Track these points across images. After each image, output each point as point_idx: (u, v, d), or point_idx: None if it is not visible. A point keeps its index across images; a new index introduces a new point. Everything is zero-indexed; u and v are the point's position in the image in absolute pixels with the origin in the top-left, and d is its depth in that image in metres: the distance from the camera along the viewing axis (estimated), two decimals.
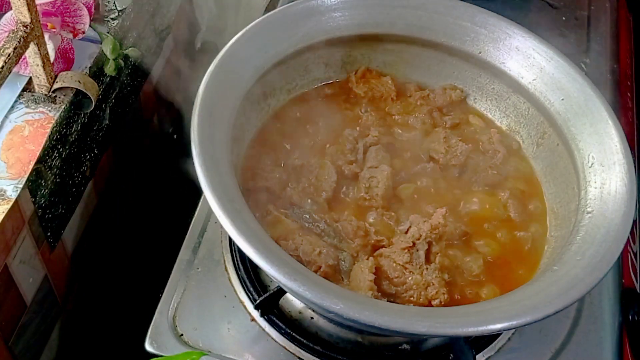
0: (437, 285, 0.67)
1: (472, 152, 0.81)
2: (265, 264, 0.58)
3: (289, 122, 0.82)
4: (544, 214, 0.77)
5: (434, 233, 0.69)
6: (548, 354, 0.77)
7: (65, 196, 0.85)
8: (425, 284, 0.68)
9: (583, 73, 0.77)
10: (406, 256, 0.69)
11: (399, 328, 0.58)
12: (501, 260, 0.73)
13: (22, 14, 0.73)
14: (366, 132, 0.81)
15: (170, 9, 1.10)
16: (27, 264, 0.79)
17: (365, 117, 0.83)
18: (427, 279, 0.68)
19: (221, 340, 0.76)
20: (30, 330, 0.84)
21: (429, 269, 0.68)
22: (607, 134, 0.73)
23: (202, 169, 0.62)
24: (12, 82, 0.80)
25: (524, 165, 0.82)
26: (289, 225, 0.71)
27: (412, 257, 0.69)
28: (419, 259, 0.69)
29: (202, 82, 0.69)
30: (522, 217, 0.77)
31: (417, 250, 0.69)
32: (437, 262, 0.69)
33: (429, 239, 0.69)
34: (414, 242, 0.69)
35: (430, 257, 0.70)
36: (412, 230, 0.70)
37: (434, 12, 0.82)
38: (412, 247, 0.69)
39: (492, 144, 0.82)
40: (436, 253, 0.70)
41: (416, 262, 0.69)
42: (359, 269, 0.68)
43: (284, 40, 0.78)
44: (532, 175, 0.81)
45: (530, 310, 0.59)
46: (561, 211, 0.75)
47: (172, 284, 0.79)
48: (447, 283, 0.69)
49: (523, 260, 0.74)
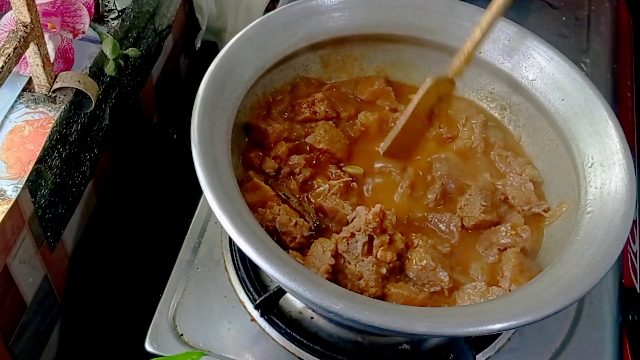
0: (366, 279, 0.67)
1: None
2: (265, 264, 0.58)
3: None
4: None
5: (369, 227, 0.69)
6: (548, 354, 0.77)
7: (65, 196, 0.85)
8: (358, 275, 0.68)
9: (583, 73, 0.77)
10: (345, 245, 0.69)
11: (398, 328, 0.58)
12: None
13: (22, 14, 0.73)
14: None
15: (170, 9, 1.10)
16: (27, 264, 0.79)
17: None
18: (360, 270, 0.68)
19: (221, 340, 0.76)
20: (30, 330, 0.84)
21: (365, 261, 0.68)
22: (607, 134, 0.73)
23: (202, 169, 0.62)
24: (12, 82, 0.80)
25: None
26: (268, 191, 0.72)
27: (349, 248, 0.69)
28: (356, 250, 0.69)
29: (202, 82, 0.69)
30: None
31: (355, 241, 0.69)
32: (377, 255, 0.68)
33: (368, 231, 0.69)
34: (354, 233, 0.69)
35: (372, 250, 0.69)
36: (355, 221, 0.70)
37: (434, 12, 0.83)
38: (352, 237, 0.69)
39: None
40: (377, 246, 0.69)
41: (353, 252, 0.69)
42: (320, 246, 0.69)
43: (284, 40, 0.78)
44: (531, 175, 0.81)
45: (530, 310, 0.59)
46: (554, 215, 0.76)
47: (172, 284, 0.79)
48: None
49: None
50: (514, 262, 0.70)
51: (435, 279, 0.69)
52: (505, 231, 0.73)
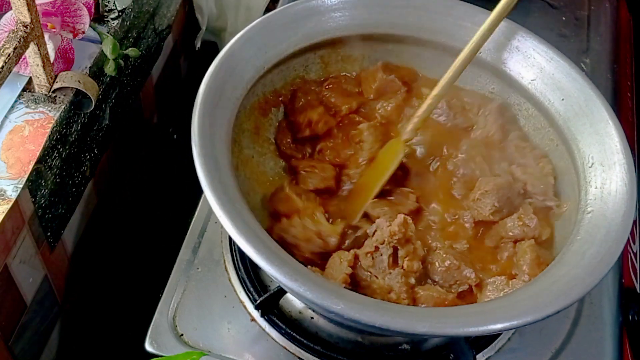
0: (397, 291, 0.66)
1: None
2: (266, 264, 0.58)
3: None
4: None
5: (394, 239, 0.68)
6: (548, 354, 0.77)
7: (65, 196, 0.85)
8: (388, 288, 0.67)
9: (583, 73, 0.77)
10: (370, 260, 0.68)
11: (399, 328, 0.58)
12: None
13: (22, 14, 0.73)
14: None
15: (170, 9, 1.10)
16: (27, 264, 0.79)
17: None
18: (390, 283, 0.67)
19: (221, 340, 0.76)
20: (30, 330, 0.84)
21: (392, 274, 0.67)
22: (607, 134, 0.73)
23: (202, 169, 0.62)
24: (12, 82, 0.80)
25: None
26: (297, 203, 0.72)
27: (375, 262, 0.68)
28: (382, 263, 0.68)
29: (202, 82, 0.69)
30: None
31: (380, 254, 0.68)
32: (404, 266, 0.68)
33: (392, 243, 0.68)
34: (377, 247, 0.68)
35: (397, 261, 0.68)
36: (377, 235, 0.69)
37: (434, 12, 0.82)
38: (376, 251, 0.68)
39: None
40: (403, 257, 0.68)
41: (379, 266, 0.68)
42: (338, 258, 0.68)
43: (284, 40, 0.78)
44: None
45: (531, 310, 0.59)
46: (561, 211, 0.75)
47: (172, 284, 0.79)
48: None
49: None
50: (531, 257, 0.69)
51: (461, 277, 0.69)
52: (513, 224, 0.72)
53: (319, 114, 0.80)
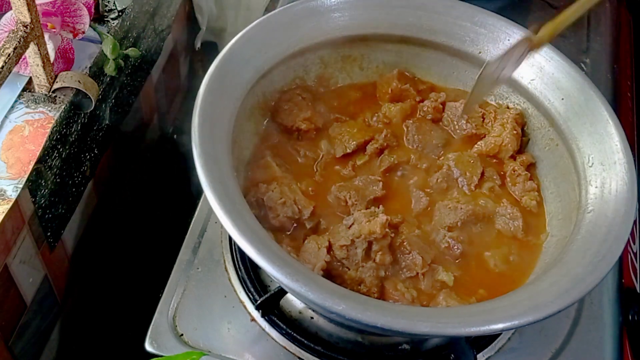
0: (367, 284, 0.67)
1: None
2: (267, 264, 0.58)
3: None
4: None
5: (371, 236, 0.68)
6: (548, 354, 0.77)
7: (65, 196, 0.85)
8: (359, 280, 0.68)
9: (583, 73, 0.77)
10: (344, 252, 0.68)
11: (401, 328, 0.58)
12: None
13: (22, 14, 0.73)
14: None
15: (170, 9, 1.10)
16: (27, 264, 0.79)
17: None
18: (362, 276, 0.68)
19: (221, 340, 0.76)
20: (30, 330, 0.84)
21: (365, 267, 0.68)
22: (607, 133, 0.73)
23: (202, 169, 0.62)
24: (12, 82, 0.80)
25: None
26: (276, 172, 0.73)
27: (349, 254, 0.69)
28: (356, 256, 0.69)
29: (202, 83, 0.69)
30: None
31: (355, 248, 0.69)
32: (376, 259, 0.68)
33: (369, 239, 0.68)
34: (353, 240, 0.69)
35: (370, 254, 0.69)
36: (354, 228, 0.69)
37: (434, 12, 0.82)
38: (351, 244, 0.69)
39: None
40: (376, 251, 0.69)
41: (353, 259, 0.69)
42: (315, 242, 0.69)
43: (284, 40, 0.78)
44: (532, 175, 0.81)
45: (532, 310, 0.59)
46: (561, 211, 0.75)
47: (172, 284, 0.79)
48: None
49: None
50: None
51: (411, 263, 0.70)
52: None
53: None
